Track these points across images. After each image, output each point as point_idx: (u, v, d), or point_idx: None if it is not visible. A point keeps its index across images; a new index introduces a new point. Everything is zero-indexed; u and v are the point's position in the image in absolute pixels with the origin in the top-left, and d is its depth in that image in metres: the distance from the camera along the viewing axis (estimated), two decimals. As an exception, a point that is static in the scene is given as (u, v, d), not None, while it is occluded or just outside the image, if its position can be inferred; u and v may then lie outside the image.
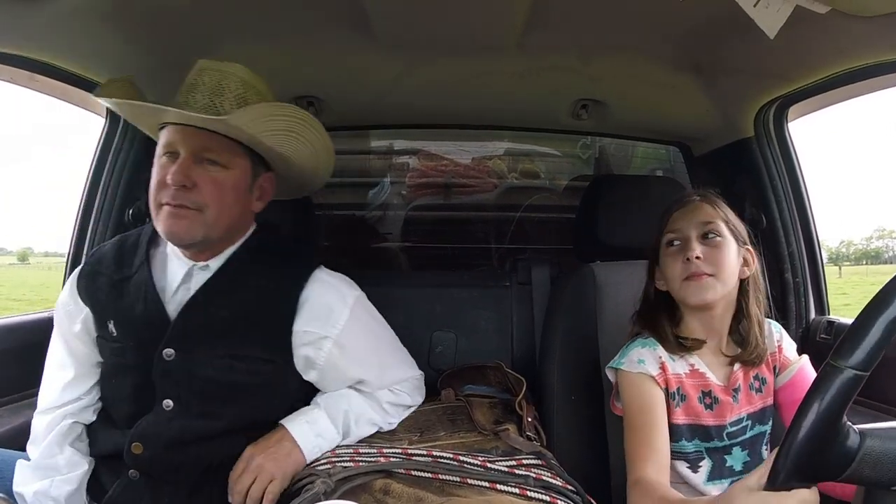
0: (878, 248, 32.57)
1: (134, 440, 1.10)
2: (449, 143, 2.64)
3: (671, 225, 1.22)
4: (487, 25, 1.38)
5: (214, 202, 1.10)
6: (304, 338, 1.16)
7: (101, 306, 1.16)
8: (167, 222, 1.09)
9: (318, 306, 1.18)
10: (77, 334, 1.19)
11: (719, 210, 1.21)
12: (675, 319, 1.24)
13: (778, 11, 0.97)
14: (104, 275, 1.18)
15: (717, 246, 1.17)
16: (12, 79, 1.33)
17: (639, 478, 1.09)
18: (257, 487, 1.09)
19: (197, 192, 1.08)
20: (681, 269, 1.18)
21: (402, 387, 1.30)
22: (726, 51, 1.39)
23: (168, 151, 1.10)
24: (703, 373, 1.21)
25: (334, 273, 1.24)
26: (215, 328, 1.13)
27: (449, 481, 1.04)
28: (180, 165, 1.07)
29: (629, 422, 1.18)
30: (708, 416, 1.19)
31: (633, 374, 1.19)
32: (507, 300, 1.81)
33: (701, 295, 1.16)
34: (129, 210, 1.65)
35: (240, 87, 1.14)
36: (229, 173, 1.11)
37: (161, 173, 1.09)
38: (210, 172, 1.10)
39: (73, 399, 1.19)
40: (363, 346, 1.23)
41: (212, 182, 1.09)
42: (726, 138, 1.73)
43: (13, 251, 34.06)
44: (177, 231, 1.09)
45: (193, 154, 1.09)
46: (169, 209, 1.08)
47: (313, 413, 1.17)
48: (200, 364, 1.12)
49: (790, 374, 1.21)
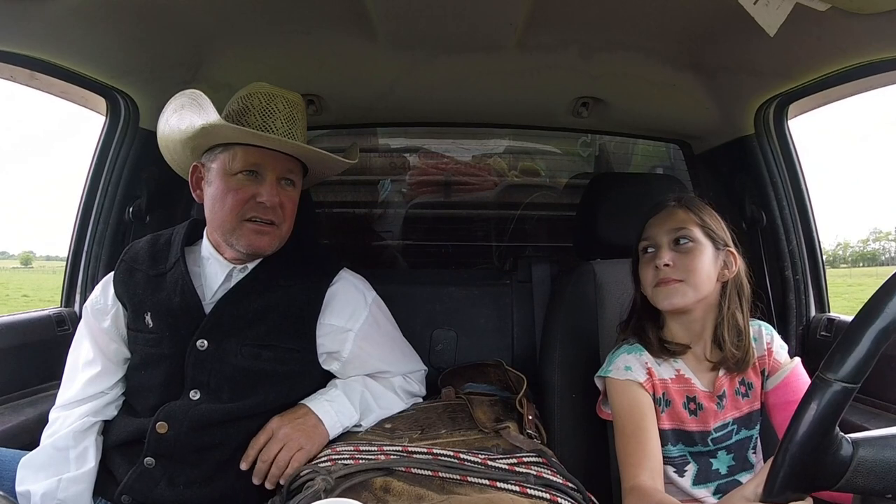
0: (874, 251, 32.55)
1: (160, 419, 1.15)
2: (449, 142, 2.64)
3: (645, 232, 1.25)
4: (488, 24, 1.38)
5: (289, 218, 1.25)
6: (328, 329, 1.27)
7: (139, 299, 1.24)
8: (251, 238, 1.20)
9: (343, 302, 1.29)
10: (106, 330, 1.26)
11: (694, 215, 1.22)
12: (660, 323, 1.25)
13: (778, 9, 0.97)
14: (140, 270, 1.26)
15: (688, 252, 1.18)
16: (13, 77, 1.33)
17: (634, 484, 1.09)
18: (284, 455, 1.14)
19: (280, 210, 1.21)
20: (652, 275, 1.20)
21: (413, 376, 1.42)
22: (726, 48, 1.39)
23: (248, 170, 1.19)
24: (689, 378, 1.21)
25: (356, 274, 1.36)
26: (246, 320, 1.21)
27: (449, 479, 1.05)
28: (272, 186, 1.20)
29: (620, 428, 1.18)
30: (692, 422, 1.20)
31: (620, 381, 1.20)
32: (507, 298, 1.81)
33: (669, 300, 1.18)
34: (130, 208, 1.65)
35: (302, 117, 1.24)
36: (297, 191, 1.27)
37: (246, 191, 1.19)
38: (287, 192, 1.23)
39: (98, 393, 1.24)
40: (381, 341, 1.35)
41: (289, 200, 1.24)
42: (726, 136, 1.73)
43: (15, 255, 34.12)
44: (260, 245, 1.21)
45: (278, 176, 1.21)
46: (256, 226, 1.20)
47: (331, 392, 1.26)
48: (231, 354, 1.19)
49: (781, 377, 1.21)
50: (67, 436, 1.17)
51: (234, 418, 1.17)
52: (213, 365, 1.18)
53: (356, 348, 1.29)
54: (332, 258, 1.37)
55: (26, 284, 16.12)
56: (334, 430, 1.21)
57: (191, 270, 1.25)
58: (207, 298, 1.24)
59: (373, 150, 2.63)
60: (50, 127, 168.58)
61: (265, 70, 1.56)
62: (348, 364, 1.30)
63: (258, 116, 1.19)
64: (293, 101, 1.23)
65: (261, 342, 1.20)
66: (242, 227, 1.19)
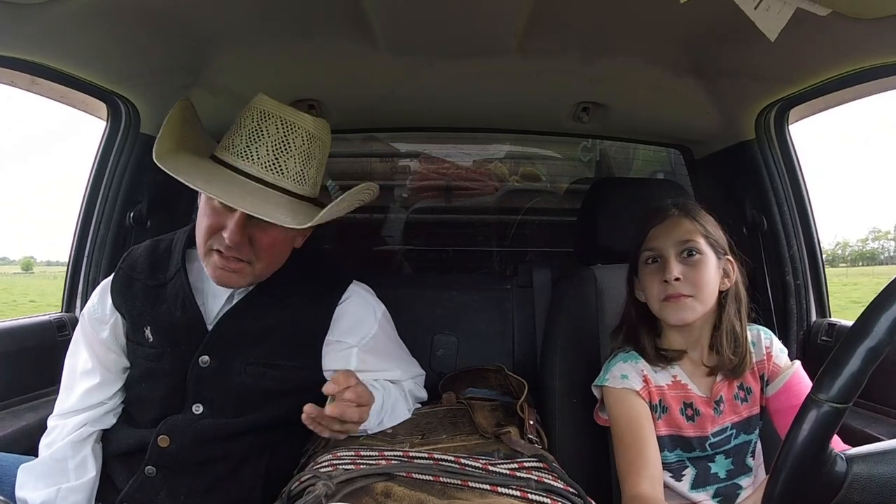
0: (873, 250, 32.52)
1: (161, 433, 1.12)
2: (450, 146, 2.64)
3: (649, 241, 1.22)
4: (488, 28, 1.38)
5: (264, 258, 1.13)
6: (334, 346, 1.23)
7: (138, 311, 1.19)
8: (216, 272, 1.11)
9: (353, 320, 1.25)
10: (104, 340, 1.22)
11: (699, 224, 1.21)
12: (656, 332, 1.25)
13: (778, 14, 0.97)
14: (139, 280, 1.21)
15: (696, 265, 1.17)
16: (13, 82, 1.33)
17: (635, 493, 1.09)
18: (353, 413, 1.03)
19: (250, 248, 1.10)
20: (659, 288, 1.18)
21: (417, 381, 1.42)
22: (727, 53, 1.39)
23: None
24: (685, 384, 1.21)
25: (364, 285, 1.31)
26: (251, 338, 1.16)
27: (450, 484, 1.04)
28: (237, 225, 1.06)
29: (618, 437, 1.18)
30: (689, 428, 1.19)
31: (617, 389, 1.20)
32: (508, 303, 1.81)
33: (680, 315, 1.17)
34: (130, 213, 1.65)
35: (305, 143, 1.10)
36: (281, 229, 1.08)
37: (216, 221, 1.08)
38: (262, 229, 1.09)
39: (97, 403, 1.21)
40: (384, 351, 1.32)
41: (266, 238, 1.10)
42: (727, 141, 1.73)
43: (16, 260, 34.15)
44: (226, 281, 1.13)
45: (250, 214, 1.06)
46: (220, 260, 1.10)
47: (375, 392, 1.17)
48: (234, 372, 1.15)
49: (782, 381, 1.20)
50: (65, 446, 1.16)
51: (238, 433, 1.15)
52: (215, 382, 1.15)
53: (359, 362, 1.25)
54: (340, 270, 1.32)
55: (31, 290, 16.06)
56: (371, 421, 1.15)
57: (192, 283, 1.20)
58: (209, 312, 1.20)
59: (373, 156, 2.64)
60: (50, 127, 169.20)
61: (265, 75, 1.57)
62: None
63: (242, 137, 1.08)
64: (294, 124, 1.09)
65: (266, 361, 1.17)
66: (210, 256, 1.11)
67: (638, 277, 1.26)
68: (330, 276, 1.29)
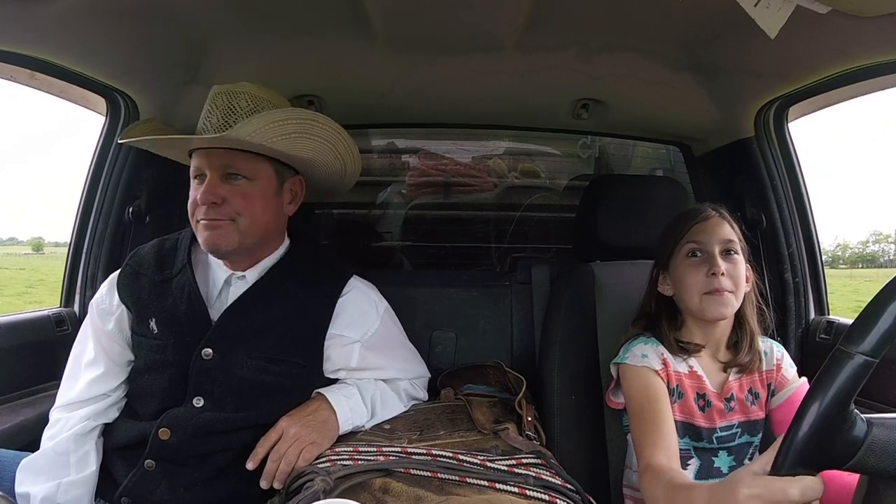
0: (873, 252, 32.56)
1: (162, 426, 1.14)
2: (449, 143, 2.64)
3: (693, 236, 1.24)
4: (488, 25, 1.38)
5: (245, 211, 1.18)
6: (336, 341, 1.26)
7: (144, 304, 1.22)
8: (204, 234, 1.18)
9: (354, 314, 1.28)
10: (110, 332, 1.25)
11: (735, 229, 1.25)
12: (677, 324, 1.26)
13: (778, 11, 0.97)
14: (145, 275, 1.25)
15: (736, 263, 1.21)
16: (12, 77, 1.33)
17: (649, 463, 1.08)
18: (293, 451, 1.12)
19: (227, 206, 1.17)
20: (703, 282, 1.20)
21: (417, 382, 1.43)
22: (727, 50, 1.39)
23: (197, 175, 1.19)
24: (701, 376, 1.23)
25: (366, 280, 1.35)
26: (254, 332, 1.19)
27: (448, 480, 1.04)
28: (208, 185, 1.16)
29: (635, 412, 1.19)
30: (700, 418, 1.21)
31: (637, 367, 1.21)
32: (506, 299, 1.81)
33: (721, 310, 1.19)
34: (129, 208, 1.65)
35: (250, 103, 1.18)
36: (254, 183, 1.19)
37: (193, 194, 1.19)
38: (237, 186, 1.18)
39: (100, 395, 1.23)
40: (387, 350, 1.34)
41: (240, 194, 1.18)
42: (726, 138, 1.73)
43: (26, 241, 34.04)
44: (214, 241, 1.18)
45: (219, 173, 1.17)
46: (204, 223, 1.17)
47: (349, 388, 1.26)
48: (237, 365, 1.17)
49: (787, 394, 1.23)
50: (69, 439, 1.17)
51: (238, 427, 1.16)
52: (217, 375, 1.17)
53: (361, 359, 1.27)
54: (340, 264, 1.35)
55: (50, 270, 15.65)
56: (345, 426, 1.20)
57: (198, 277, 1.23)
58: (213, 306, 1.22)
59: (372, 151, 2.63)
60: (50, 127, 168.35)
61: (265, 71, 1.56)
62: (354, 373, 1.29)
63: (201, 119, 1.20)
64: (237, 91, 1.19)
65: (268, 355, 1.19)
66: (198, 227, 1.19)
67: (668, 271, 1.26)
68: (331, 270, 1.32)
